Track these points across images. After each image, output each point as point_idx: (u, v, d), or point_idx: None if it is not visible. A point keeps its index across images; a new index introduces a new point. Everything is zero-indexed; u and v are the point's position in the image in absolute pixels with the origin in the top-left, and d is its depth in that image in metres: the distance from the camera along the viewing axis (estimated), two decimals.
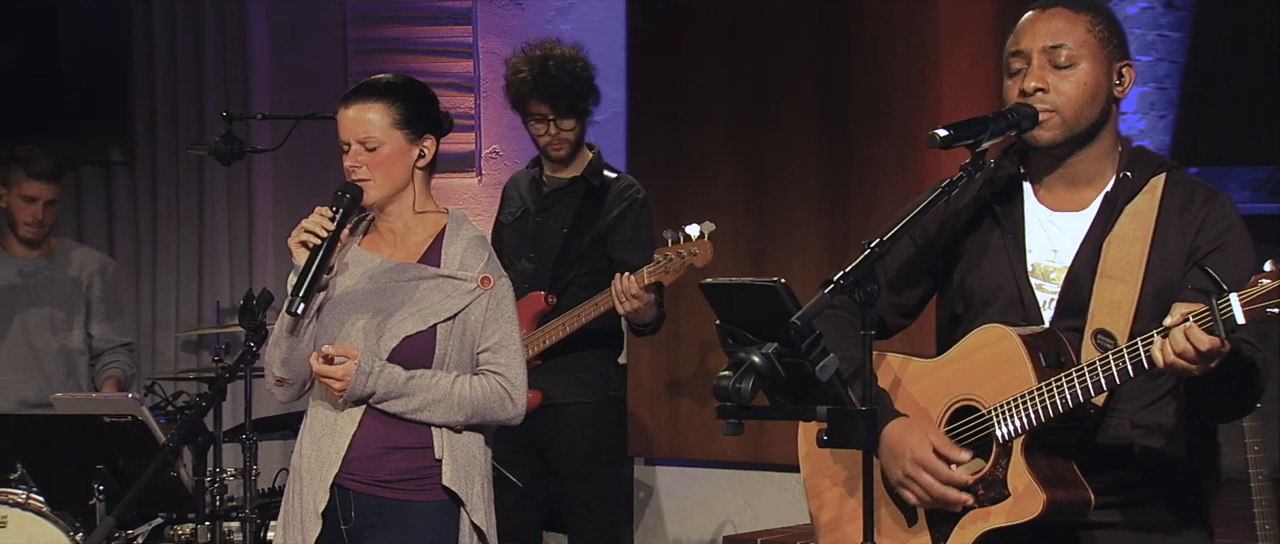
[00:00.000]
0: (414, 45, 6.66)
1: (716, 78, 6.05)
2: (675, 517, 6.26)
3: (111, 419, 4.55)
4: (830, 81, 5.82)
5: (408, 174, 3.63)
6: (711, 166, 6.05)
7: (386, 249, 3.68)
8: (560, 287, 4.96)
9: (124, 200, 7.09)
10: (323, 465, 3.58)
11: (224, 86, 6.97)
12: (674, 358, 6.15)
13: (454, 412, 3.55)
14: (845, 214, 5.77)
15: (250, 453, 5.16)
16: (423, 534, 3.58)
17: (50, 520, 4.86)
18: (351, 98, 3.64)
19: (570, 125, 5.00)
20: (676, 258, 4.79)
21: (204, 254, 7.09)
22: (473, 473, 3.60)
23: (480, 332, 3.61)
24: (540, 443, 4.96)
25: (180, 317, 7.08)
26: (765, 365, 2.72)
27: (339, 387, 3.49)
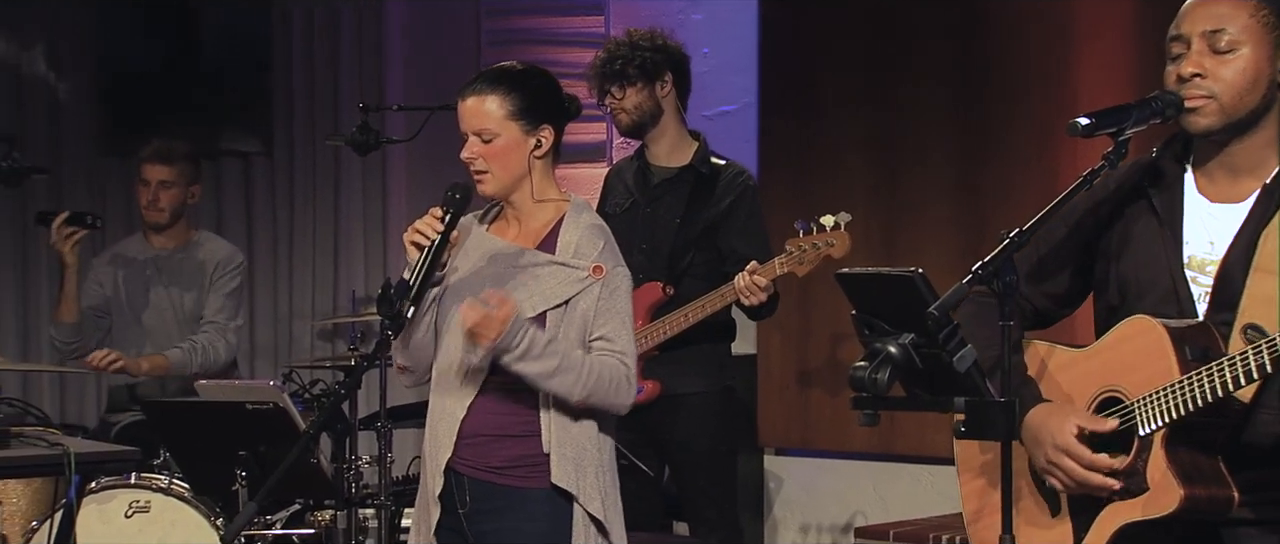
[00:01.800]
0: (546, 36, 6.70)
1: (849, 65, 6.02)
2: (806, 508, 6.24)
3: (254, 406, 4.61)
4: (965, 69, 5.77)
5: (524, 164, 3.64)
6: (843, 156, 6.02)
7: (509, 233, 3.70)
8: (675, 276, 4.96)
9: (262, 191, 7.20)
10: (438, 450, 3.61)
11: (359, 78, 7.05)
12: (804, 349, 6.13)
13: (582, 384, 3.52)
14: (979, 204, 5.71)
15: (385, 441, 5.22)
16: (536, 522, 3.59)
17: (192, 506, 4.94)
18: (468, 88, 3.65)
19: (621, 94, 4.99)
20: (811, 249, 4.77)
21: (339, 244, 7.17)
22: (584, 464, 3.59)
23: (593, 320, 3.59)
24: (658, 433, 4.97)
25: (316, 306, 7.18)
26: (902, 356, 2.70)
27: (496, 330, 3.44)
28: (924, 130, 5.85)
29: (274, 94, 7.11)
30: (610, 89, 4.99)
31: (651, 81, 4.97)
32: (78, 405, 7.10)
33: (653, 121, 5.00)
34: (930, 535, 5.31)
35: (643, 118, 4.99)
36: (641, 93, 4.97)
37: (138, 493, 4.98)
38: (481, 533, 3.62)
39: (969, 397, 2.72)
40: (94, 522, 4.88)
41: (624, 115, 5.01)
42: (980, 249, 2.87)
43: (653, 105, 4.99)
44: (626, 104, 4.99)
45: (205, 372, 5.68)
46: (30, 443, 4.32)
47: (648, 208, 5.04)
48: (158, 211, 5.84)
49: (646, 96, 4.98)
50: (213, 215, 7.07)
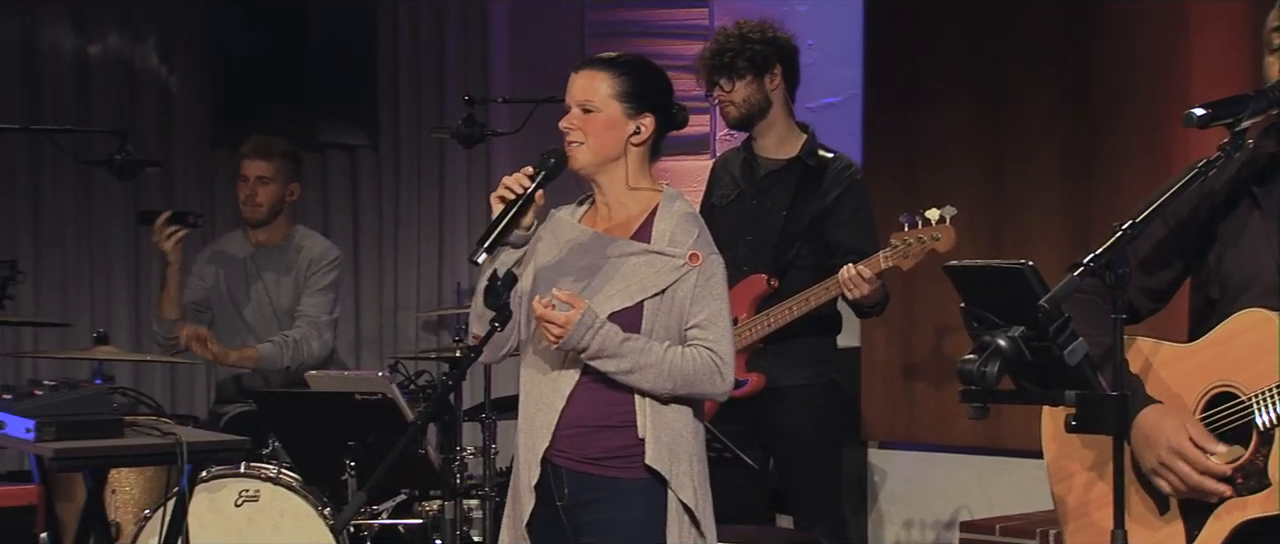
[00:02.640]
0: (651, 28, 6.71)
1: (955, 56, 5.98)
2: (910, 502, 6.21)
3: (363, 397, 4.65)
4: (1073, 59, 5.71)
5: (620, 147, 3.65)
6: (949, 148, 5.98)
7: (600, 224, 3.70)
8: (780, 268, 4.95)
9: (368, 183, 7.26)
10: (535, 441, 3.62)
11: (464, 71, 7.09)
12: (909, 342, 6.10)
13: (663, 379, 3.55)
14: (1087, 198, 5.65)
15: (489, 432, 5.25)
16: (633, 512, 3.60)
17: (300, 495, 4.99)
18: (583, 65, 3.71)
19: (730, 87, 4.97)
20: (916, 243, 4.74)
21: (444, 236, 7.22)
22: (678, 451, 3.60)
23: (688, 308, 3.60)
24: (762, 426, 4.97)
25: (420, 297, 7.23)
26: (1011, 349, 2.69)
27: (558, 332, 3.50)
28: (1031, 121, 5.80)
29: (380, 87, 7.16)
30: (719, 81, 4.98)
31: (760, 74, 4.95)
32: (188, 396, 7.20)
33: (761, 114, 4.99)
34: (1037, 530, 5.26)
35: (751, 111, 4.98)
36: (750, 86, 4.96)
37: (247, 482, 5.03)
38: (580, 524, 3.63)
39: (1080, 391, 2.70)
40: (204, 510, 4.94)
41: (732, 108, 5.00)
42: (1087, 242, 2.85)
43: (761, 98, 4.97)
44: (735, 97, 4.98)
45: (297, 367, 5.73)
46: (144, 432, 4.37)
47: (754, 199, 5.03)
48: (255, 207, 5.91)
49: (755, 89, 4.96)
50: (319, 208, 7.15)
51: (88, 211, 7.01)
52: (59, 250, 6.98)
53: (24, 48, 6.88)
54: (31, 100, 6.87)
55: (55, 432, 4.13)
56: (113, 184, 6.60)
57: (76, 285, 7.02)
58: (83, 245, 7.02)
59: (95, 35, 6.98)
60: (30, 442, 4.15)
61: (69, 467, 4.32)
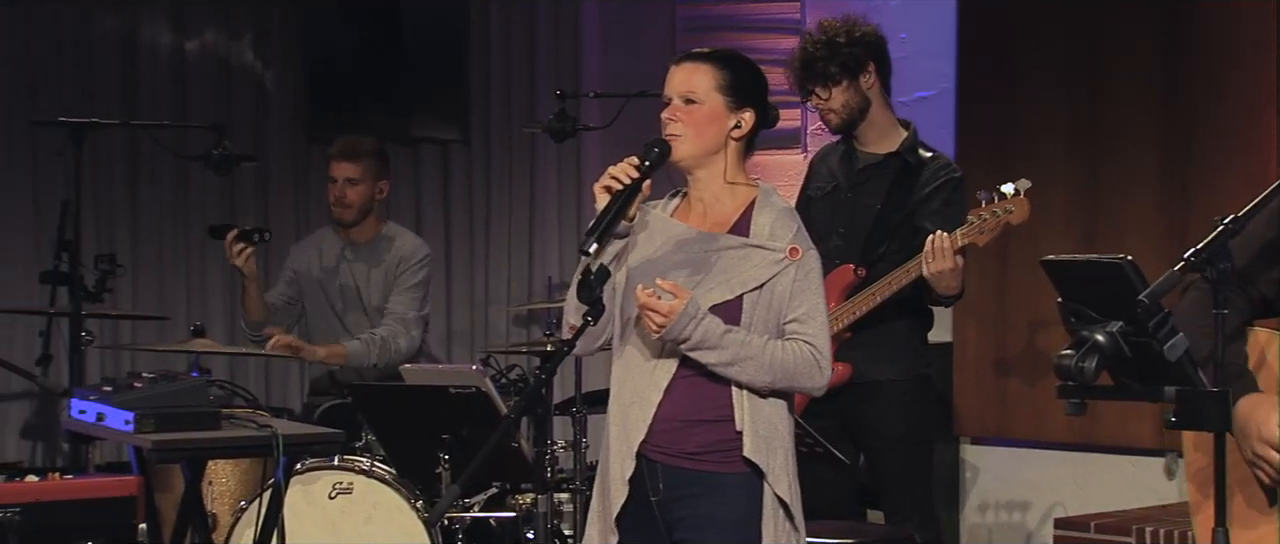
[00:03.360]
0: (742, 22, 6.69)
1: (1050, 48, 5.93)
2: (1003, 498, 6.17)
3: (457, 390, 4.68)
4: (1170, 49, 5.65)
5: (721, 140, 3.64)
6: (1043, 141, 5.93)
7: (695, 219, 3.69)
8: (869, 261, 4.92)
9: (459, 178, 7.29)
10: (629, 434, 3.61)
11: (556, 65, 7.11)
12: (1001, 337, 6.06)
13: (763, 372, 3.54)
14: (1184, 191, 5.58)
15: (579, 426, 5.27)
16: (730, 507, 3.59)
17: (393, 487, 5.02)
18: (682, 57, 3.70)
19: (826, 94, 4.94)
20: (991, 217, 4.71)
21: (534, 230, 7.25)
22: (774, 444, 3.59)
23: (788, 302, 3.59)
24: (854, 421, 4.94)
25: (511, 292, 7.26)
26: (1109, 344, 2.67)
27: (660, 321, 3.49)
28: (1127, 114, 5.74)
29: (471, 82, 7.19)
30: (814, 90, 4.95)
31: (855, 76, 4.92)
32: (282, 389, 7.27)
33: (861, 115, 4.96)
34: (1133, 527, 5.21)
35: (852, 115, 4.95)
36: (847, 90, 4.93)
37: (341, 475, 5.07)
38: (675, 520, 3.62)
39: (1180, 386, 2.67)
40: (299, 502, 4.98)
41: (833, 115, 4.96)
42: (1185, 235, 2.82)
43: (860, 100, 4.94)
44: (834, 104, 4.94)
45: (385, 365, 5.77)
46: (240, 424, 4.43)
47: (850, 193, 5.00)
48: (345, 208, 5.95)
49: (853, 93, 4.93)
50: (411, 203, 7.19)
51: (184, 206, 7.09)
52: (156, 244, 7.06)
53: (123, 45, 6.97)
54: (130, 96, 6.96)
55: (154, 424, 4.19)
56: (209, 179, 6.69)
57: (173, 279, 7.10)
58: (179, 239, 7.10)
59: (193, 32, 7.06)
60: (130, 433, 4.21)
61: (168, 458, 4.38)
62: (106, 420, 4.28)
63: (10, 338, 6.71)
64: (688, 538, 3.61)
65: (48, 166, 6.62)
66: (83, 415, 4.38)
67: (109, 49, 6.94)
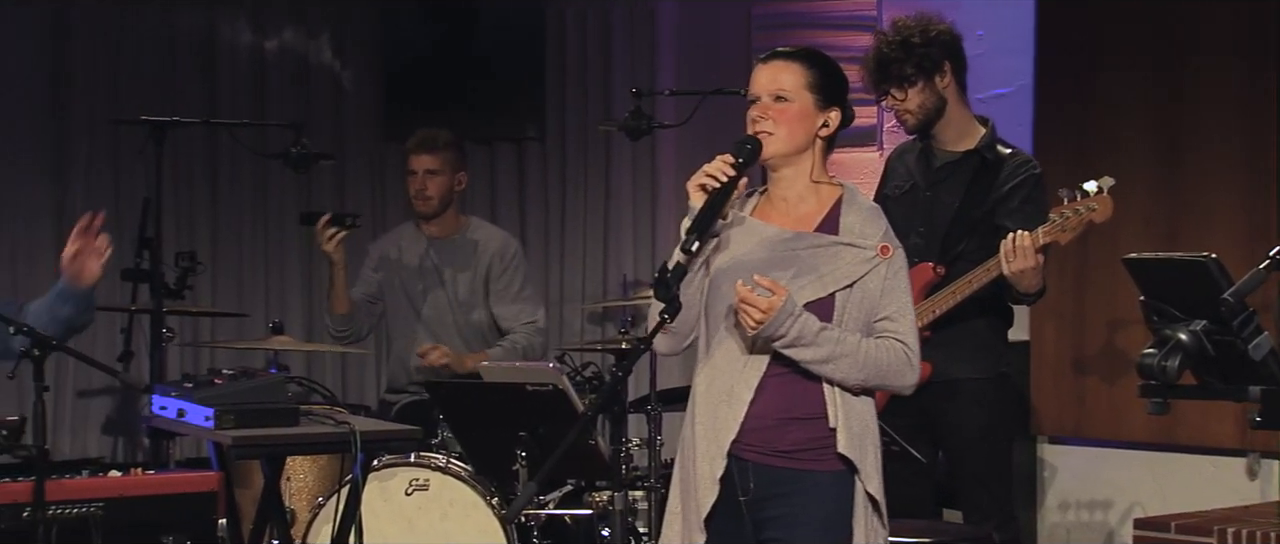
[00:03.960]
0: (818, 20, 6.67)
1: (1130, 44, 5.87)
2: (1081, 497, 6.13)
3: (534, 388, 4.70)
4: (1255, 44, 5.57)
5: (809, 139, 3.64)
6: (1123, 139, 5.88)
7: (778, 218, 3.68)
8: (948, 259, 4.89)
9: (535, 175, 7.32)
10: (719, 433, 3.60)
11: (631, 63, 7.12)
12: (1080, 336, 6.02)
13: (857, 370, 3.54)
14: (1268, 188, 5.52)
15: (655, 424, 5.27)
16: (822, 505, 3.58)
17: (469, 484, 5.04)
18: (770, 57, 3.69)
19: (903, 95, 4.91)
20: (1073, 215, 4.67)
21: (609, 228, 7.26)
22: (866, 442, 3.60)
23: (878, 300, 3.60)
24: (932, 419, 4.92)
25: (586, 289, 7.27)
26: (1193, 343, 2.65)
27: (758, 317, 3.49)
28: (1209, 109, 5.68)
29: (547, 80, 7.22)
30: (890, 91, 4.93)
31: (930, 77, 4.89)
32: (358, 385, 7.32)
33: (938, 115, 4.93)
34: (1215, 528, 5.15)
35: (928, 115, 4.93)
36: (923, 91, 4.90)
37: (417, 471, 5.10)
38: (764, 519, 3.62)
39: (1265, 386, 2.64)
40: (376, 498, 5.01)
41: (909, 116, 4.94)
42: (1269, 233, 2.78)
43: (936, 100, 4.92)
44: (910, 105, 4.92)
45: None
46: (318, 421, 4.46)
47: (928, 191, 4.98)
48: (425, 200, 5.98)
49: (928, 93, 4.90)
50: (486, 200, 7.22)
51: (263, 204, 7.15)
52: (235, 242, 7.13)
53: (202, 43, 7.04)
54: (209, 95, 7.03)
55: (234, 420, 4.23)
56: (287, 177, 6.75)
57: (252, 276, 7.16)
58: (258, 237, 7.16)
59: (271, 31, 7.13)
60: (210, 429, 4.25)
61: (247, 454, 4.42)
62: (187, 417, 4.32)
63: (92, 335, 6.77)
64: (777, 537, 3.61)
65: (130, 165, 6.70)
66: (164, 411, 4.42)
67: (189, 48, 7.01)
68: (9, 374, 4.09)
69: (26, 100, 6.77)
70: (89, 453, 6.84)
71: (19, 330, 3.98)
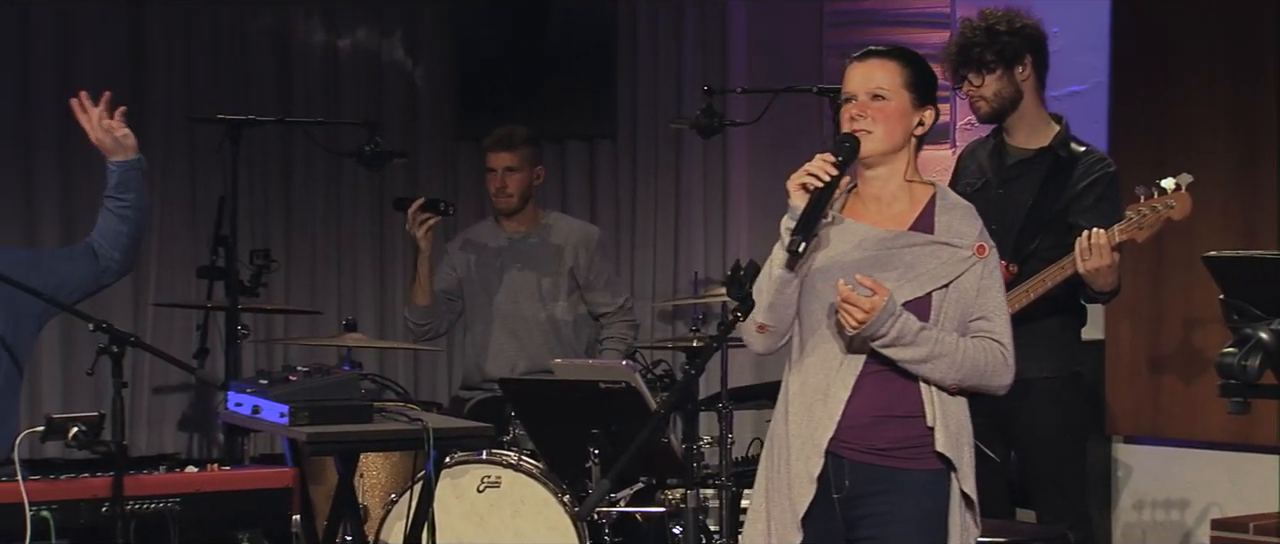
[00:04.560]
0: (890, 17, 6.64)
1: (1208, 40, 5.81)
2: (1157, 498, 6.08)
3: (607, 385, 4.70)
4: None
5: (906, 137, 3.63)
6: (1200, 136, 5.82)
7: (871, 217, 3.67)
8: (1021, 258, 4.86)
9: (605, 174, 7.33)
10: (815, 431, 3.59)
11: (702, 61, 7.11)
12: (1156, 334, 5.97)
13: (955, 370, 3.54)
14: None
15: (726, 422, 5.27)
16: (918, 503, 3.58)
17: (541, 482, 5.06)
18: (865, 56, 3.67)
19: (979, 81, 4.88)
20: (1150, 212, 4.62)
21: (680, 226, 7.26)
22: (962, 440, 3.59)
23: (975, 300, 3.59)
24: (1005, 418, 4.89)
25: (656, 287, 7.28)
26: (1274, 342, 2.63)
27: (860, 317, 3.48)
28: None
29: (618, 78, 7.23)
30: (967, 76, 4.90)
31: (1010, 67, 4.86)
32: (430, 382, 7.35)
33: (1012, 107, 4.90)
34: None
35: (1002, 105, 4.90)
36: (1001, 80, 4.87)
37: (489, 469, 5.12)
38: (858, 517, 3.61)
39: None
40: (448, 495, 5.03)
41: (983, 103, 4.91)
42: None
43: (1012, 91, 4.89)
44: (985, 92, 4.89)
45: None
46: (391, 418, 4.47)
47: (1000, 189, 4.95)
48: (506, 197, 6.00)
49: (1006, 83, 4.88)
50: (557, 198, 7.23)
51: (336, 202, 7.20)
52: (308, 239, 7.18)
53: (277, 42, 7.09)
54: (284, 93, 7.09)
55: (308, 416, 4.25)
56: (360, 175, 6.80)
57: (325, 273, 7.21)
58: (331, 235, 7.21)
59: (345, 30, 7.18)
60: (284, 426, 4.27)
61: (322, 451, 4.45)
62: (262, 413, 4.35)
63: (168, 331, 6.86)
64: (870, 535, 3.60)
65: (205, 163, 6.77)
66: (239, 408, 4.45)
67: (264, 47, 7.07)
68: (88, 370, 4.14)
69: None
70: (165, 449, 6.91)
71: (98, 327, 4.02)
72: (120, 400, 3.95)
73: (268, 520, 4.29)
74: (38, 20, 6.75)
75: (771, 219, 5.60)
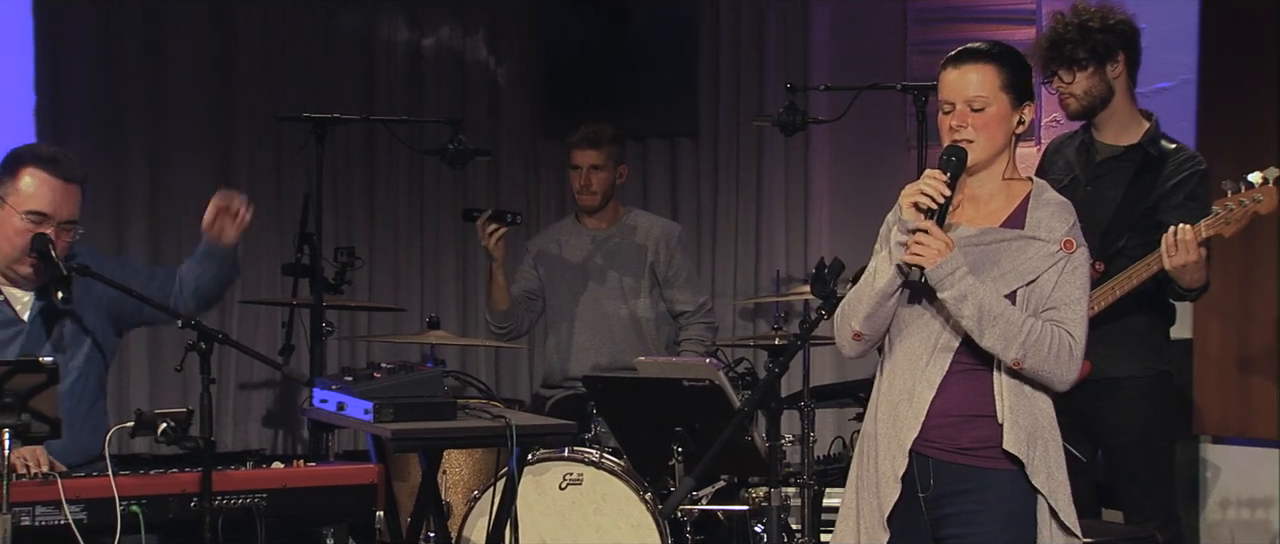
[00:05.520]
0: (975, 14, 6.60)
1: None
2: (1245, 498, 6.01)
3: (690, 383, 4.70)
4: None
5: (1008, 138, 3.62)
6: None
7: (966, 216, 3.66)
8: (1108, 255, 4.81)
9: (686, 171, 7.32)
10: (900, 431, 3.60)
11: (784, 58, 7.09)
12: (1245, 333, 5.91)
13: (1013, 338, 3.49)
14: None
15: (808, 420, 5.25)
16: (1002, 503, 3.57)
17: (622, 479, 5.06)
18: (959, 59, 3.64)
19: (1070, 78, 4.83)
20: (1238, 207, 4.57)
21: (761, 224, 7.24)
22: (1036, 437, 3.56)
23: (1050, 292, 3.56)
24: (1093, 418, 4.85)
25: (738, 285, 7.26)
26: None
27: (932, 254, 3.47)
28: None
29: (700, 75, 7.22)
30: (1058, 72, 4.86)
31: (1103, 64, 4.82)
32: (511, 379, 7.37)
33: (1103, 104, 4.86)
34: None
35: (1093, 102, 4.86)
36: (1092, 77, 4.83)
37: (571, 466, 5.12)
38: (943, 516, 3.61)
39: None
40: (530, 492, 5.04)
41: (1073, 100, 4.87)
42: None
43: (1103, 88, 4.84)
44: (1076, 89, 4.85)
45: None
46: (474, 415, 4.48)
47: (1088, 186, 4.91)
48: (590, 195, 6.02)
49: (1097, 81, 4.83)
50: (639, 196, 7.23)
51: (419, 199, 7.23)
52: (392, 237, 7.22)
53: (361, 41, 7.14)
54: (368, 92, 7.13)
55: (393, 413, 4.27)
56: (443, 172, 6.83)
57: (408, 271, 7.25)
58: (414, 232, 7.25)
59: (428, 29, 7.21)
60: (369, 423, 4.29)
61: (406, 447, 4.47)
62: (347, 410, 4.37)
63: (253, 328, 6.91)
64: (955, 534, 3.60)
65: (290, 161, 6.82)
66: (324, 404, 4.48)
67: (349, 46, 7.12)
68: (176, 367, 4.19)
69: (192, 100, 6.92)
70: (250, 444, 6.98)
71: (186, 324, 4.06)
72: (208, 396, 3.99)
73: (352, 516, 4.31)
74: (128, 21, 6.83)
75: (853, 217, 5.60)
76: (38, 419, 3.74)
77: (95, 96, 6.80)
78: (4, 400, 3.69)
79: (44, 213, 4.32)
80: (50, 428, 3.78)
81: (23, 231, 4.32)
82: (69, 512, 3.89)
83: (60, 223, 4.34)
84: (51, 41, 6.70)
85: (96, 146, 6.74)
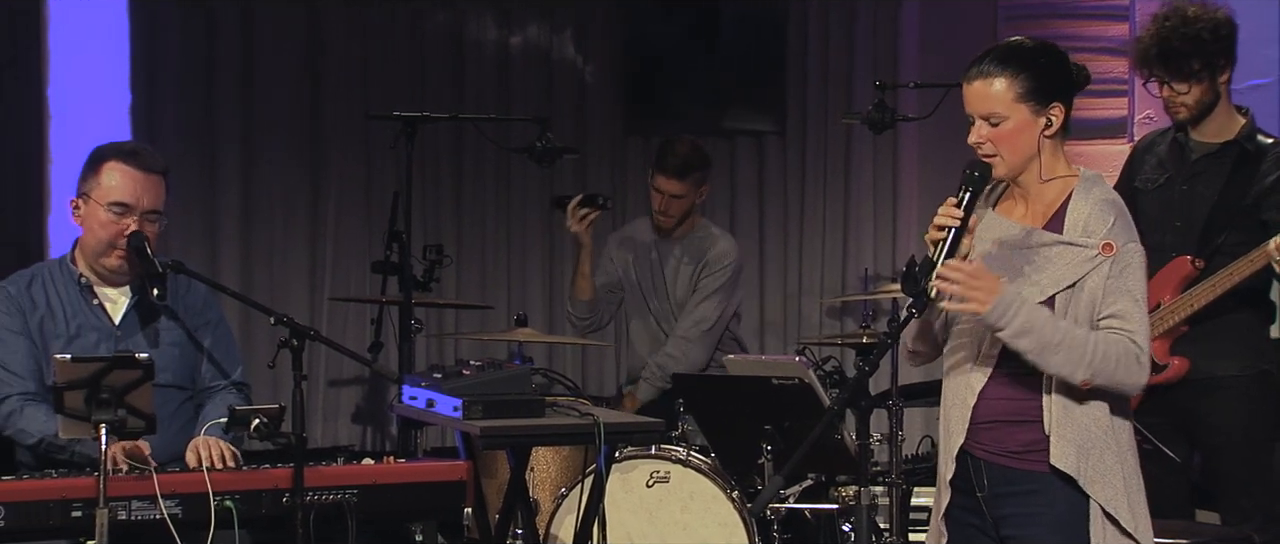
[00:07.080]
0: (1066, 10, 6.55)
1: None
2: None
3: (779, 381, 4.69)
4: None
5: (1034, 145, 3.55)
6: None
7: (1017, 212, 3.64)
8: (1207, 253, 4.76)
9: (774, 168, 7.31)
10: (950, 436, 3.62)
11: (873, 56, 7.07)
12: None
13: (1078, 361, 3.44)
14: None
15: (896, 418, 5.22)
16: (1053, 506, 3.54)
17: (709, 477, 5.05)
18: (974, 70, 3.57)
19: (1185, 89, 4.77)
20: None
21: (849, 222, 7.22)
22: (1088, 448, 3.50)
23: (1101, 299, 3.50)
24: (1189, 418, 4.79)
25: (825, 283, 7.25)
26: None
27: (980, 300, 3.42)
28: None
29: (788, 73, 7.20)
30: (1170, 82, 4.80)
31: (1215, 75, 4.77)
32: (597, 376, 7.39)
33: (1211, 109, 4.82)
34: None
35: (1203, 110, 4.81)
36: (1204, 88, 4.78)
37: (658, 464, 5.12)
38: (1002, 517, 3.60)
39: None
40: (617, 490, 5.04)
41: (1185, 110, 4.81)
42: None
43: (1213, 97, 4.80)
44: (1188, 99, 4.79)
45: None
46: (562, 412, 4.48)
47: (1184, 184, 4.85)
48: (667, 218, 6.00)
49: (1208, 90, 4.79)
50: (726, 194, 7.23)
51: (506, 197, 7.26)
52: (479, 235, 7.25)
53: (450, 40, 7.18)
54: (457, 90, 7.16)
55: (481, 410, 4.27)
56: (530, 170, 6.84)
57: (495, 268, 7.28)
58: (501, 230, 7.28)
59: (516, 28, 7.23)
60: (458, 419, 4.31)
61: (495, 444, 4.47)
62: (436, 407, 4.38)
63: (344, 325, 6.97)
64: (1013, 534, 3.59)
65: (379, 160, 6.87)
66: (413, 401, 4.50)
67: (438, 45, 7.16)
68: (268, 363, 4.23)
69: (284, 100, 6.98)
70: (339, 441, 7.03)
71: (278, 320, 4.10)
72: (300, 393, 4.02)
73: (441, 513, 4.33)
74: (221, 20, 6.91)
75: None
76: (134, 415, 3.79)
77: (188, 96, 6.88)
78: (101, 396, 3.73)
79: (126, 203, 4.37)
80: (146, 423, 3.82)
81: (107, 224, 4.37)
82: (164, 506, 3.93)
83: (143, 213, 4.38)
84: (146, 41, 6.79)
85: (189, 146, 6.83)
